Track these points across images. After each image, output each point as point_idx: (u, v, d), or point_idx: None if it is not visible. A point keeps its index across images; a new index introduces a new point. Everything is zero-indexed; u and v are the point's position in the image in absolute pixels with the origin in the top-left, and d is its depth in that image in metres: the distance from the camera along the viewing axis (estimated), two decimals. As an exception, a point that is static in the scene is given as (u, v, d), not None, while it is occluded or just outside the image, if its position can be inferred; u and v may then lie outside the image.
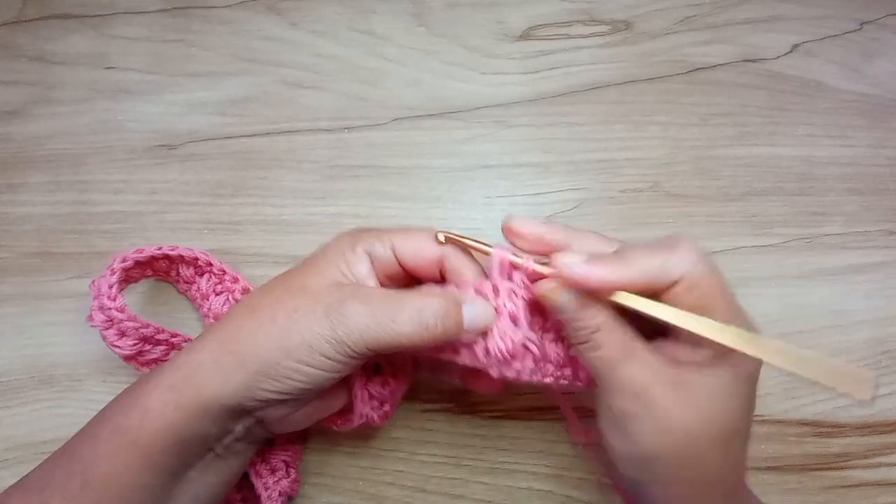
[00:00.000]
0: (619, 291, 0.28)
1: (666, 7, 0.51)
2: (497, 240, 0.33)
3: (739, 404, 0.28)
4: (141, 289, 0.43)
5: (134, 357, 0.38)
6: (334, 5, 0.51)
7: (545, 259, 0.30)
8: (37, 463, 0.31)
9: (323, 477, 0.40)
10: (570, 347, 0.31)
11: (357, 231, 0.34)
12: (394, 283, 0.34)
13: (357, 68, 0.49)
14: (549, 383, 0.32)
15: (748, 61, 0.50)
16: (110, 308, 0.36)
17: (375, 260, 0.32)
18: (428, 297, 0.30)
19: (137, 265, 0.39)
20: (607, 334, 0.28)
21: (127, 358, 0.38)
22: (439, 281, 0.33)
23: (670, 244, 0.28)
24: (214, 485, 0.33)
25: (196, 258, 0.41)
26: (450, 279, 0.33)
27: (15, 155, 0.47)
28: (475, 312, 0.30)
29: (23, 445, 0.41)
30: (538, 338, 0.31)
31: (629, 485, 0.31)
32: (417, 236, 0.33)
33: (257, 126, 0.48)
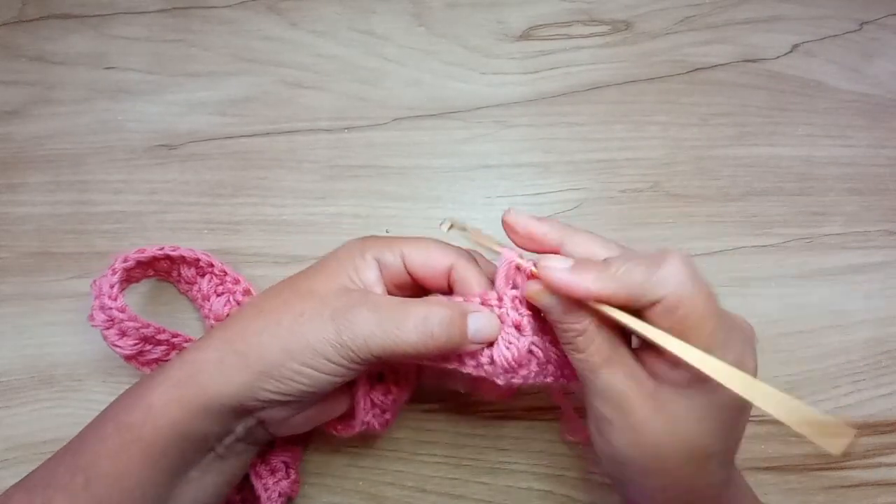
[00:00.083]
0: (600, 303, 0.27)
1: (666, 7, 0.51)
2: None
3: (714, 428, 0.27)
4: (142, 289, 0.43)
5: (135, 357, 0.38)
6: (334, 5, 0.51)
7: None
8: (37, 463, 0.31)
9: (323, 477, 0.40)
10: None
11: (367, 238, 0.34)
12: (401, 292, 0.34)
13: (357, 68, 0.49)
14: (550, 382, 0.32)
15: (748, 61, 0.50)
16: (111, 308, 0.36)
17: (384, 268, 0.32)
18: (433, 307, 0.30)
19: (139, 265, 0.39)
20: (590, 339, 0.28)
21: (127, 358, 0.38)
22: (446, 291, 0.33)
23: (659, 261, 0.26)
24: (215, 485, 0.33)
25: (198, 259, 0.41)
26: (457, 290, 0.33)
27: (15, 155, 0.47)
28: (480, 323, 0.30)
29: (23, 445, 0.41)
30: (541, 340, 0.31)
31: (611, 480, 0.31)
32: (427, 246, 0.33)
33: (257, 126, 0.48)
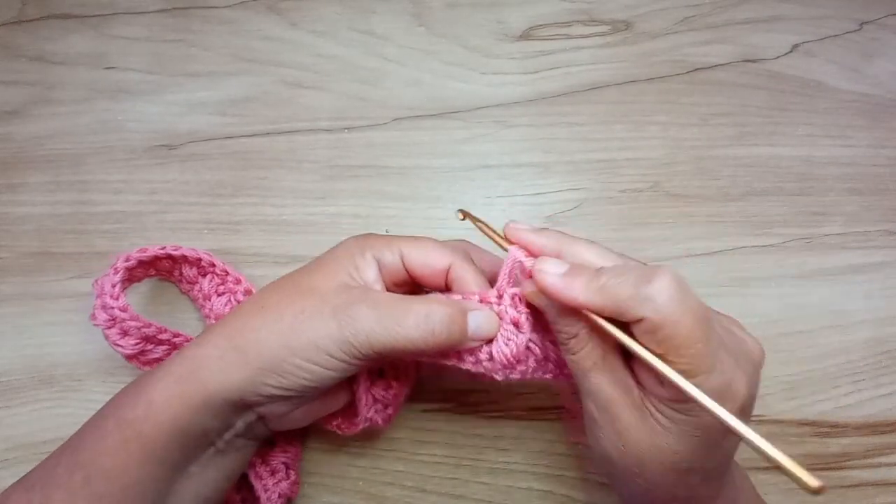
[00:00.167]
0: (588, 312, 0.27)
1: (666, 7, 0.51)
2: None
3: (696, 446, 0.27)
4: (143, 289, 0.43)
5: (136, 356, 0.38)
6: (334, 5, 0.51)
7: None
8: (37, 463, 0.31)
9: (323, 477, 0.40)
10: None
11: (366, 236, 0.34)
12: (400, 290, 0.34)
13: (357, 68, 0.49)
14: (549, 379, 0.32)
15: (748, 61, 0.50)
16: (113, 307, 0.36)
17: (383, 266, 0.33)
18: (434, 304, 0.30)
19: (140, 265, 0.39)
20: (583, 343, 0.28)
21: (129, 357, 0.38)
22: (444, 290, 0.33)
23: (648, 278, 0.26)
24: (215, 480, 0.33)
25: (199, 258, 0.41)
26: (455, 288, 0.33)
27: (15, 155, 0.47)
28: (480, 320, 0.31)
29: (23, 445, 0.41)
30: (539, 339, 0.31)
31: (604, 477, 0.31)
32: (426, 245, 0.33)
33: (257, 126, 0.48)
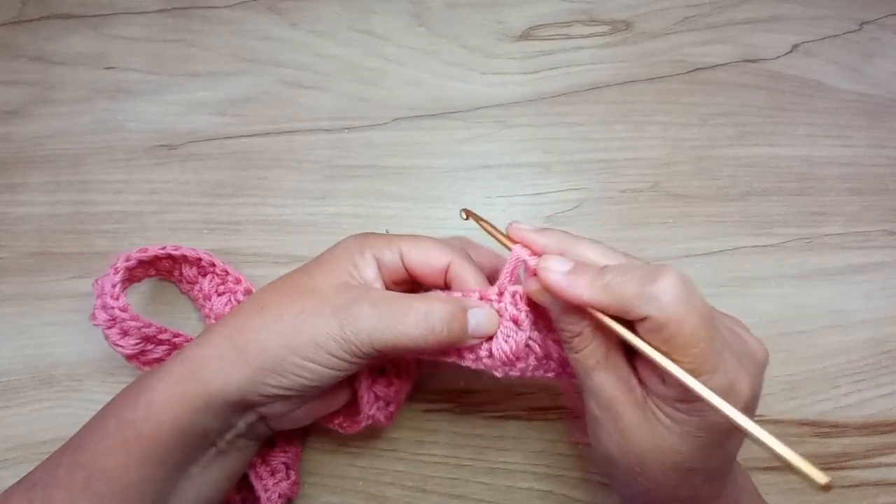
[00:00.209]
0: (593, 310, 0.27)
1: (666, 7, 0.51)
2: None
3: (698, 447, 0.27)
4: (143, 288, 0.43)
5: (136, 356, 0.38)
6: (334, 5, 0.51)
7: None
8: (37, 463, 0.31)
9: (323, 477, 0.40)
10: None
11: (365, 235, 0.34)
12: (399, 289, 0.34)
13: (357, 68, 0.49)
14: (552, 378, 0.33)
15: (748, 61, 0.50)
16: (113, 307, 0.36)
17: (383, 265, 0.33)
18: (435, 303, 0.30)
19: (140, 264, 0.39)
20: (586, 341, 0.28)
21: (129, 357, 0.38)
22: (443, 287, 0.33)
23: (653, 277, 0.25)
24: (216, 481, 0.33)
25: (199, 258, 0.41)
26: (454, 286, 0.33)
27: (15, 155, 0.47)
28: (480, 318, 0.31)
29: (23, 445, 0.41)
30: (541, 337, 0.31)
31: (605, 477, 0.32)
32: (425, 244, 0.33)
33: (257, 126, 0.48)
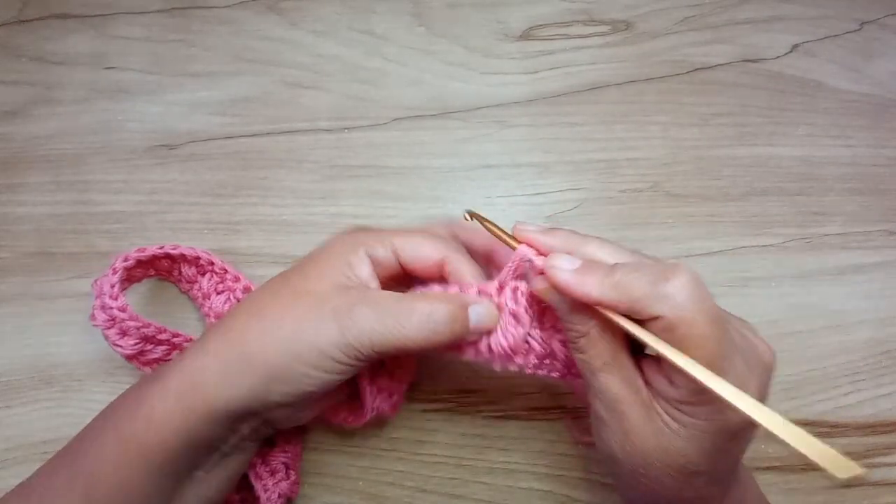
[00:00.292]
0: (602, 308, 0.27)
1: (666, 7, 0.51)
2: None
3: (703, 450, 0.27)
4: (142, 289, 0.43)
5: (135, 357, 0.38)
6: (334, 5, 0.51)
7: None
8: (37, 463, 0.31)
9: (323, 477, 0.40)
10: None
11: (356, 231, 0.34)
12: (394, 283, 0.34)
13: (357, 68, 0.49)
14: (556, 378, 0.33)
15: (748, 61, 0.50)
16: (112, 307, 0.36)
17: (377, 263, 0.32)
18: (436, 303, 0.30)
19: (139, 264, 0.39)
20: (593, 341, 0.28)
21: (129, 357, 0.38)
22: (439, 280, 0.33)
23: (665, 276, 0.25)
24: (219, 482, 0.33)
25: (198, 257, 0.41)
26: (451, 280, 0.33)
27: (15, 155, 0.47)
28: (481, 314, 0.31)
29: (23, 445, 0.41)
30: (544, 336, 0.31)
31: (609, 477, 0.31)
32: (418, 238, 0.33)
33: (257, 126, 0.48)
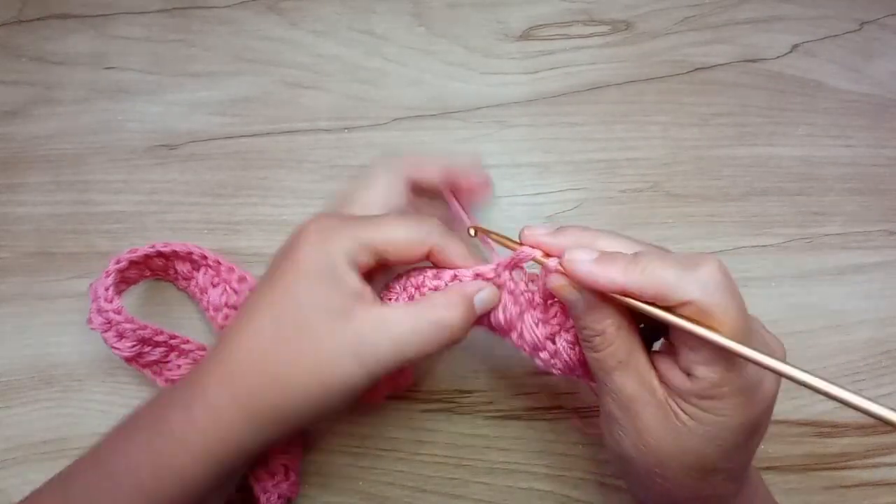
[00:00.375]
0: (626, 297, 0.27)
1: (666, 7, 0.51)
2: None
3: (720, 447, 0.27)
4: (140, 290, 0.43)
5: (134, 359, 0.38)
6: (334, 5, 0.51)
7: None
8: (37, 463, 0.31)
9: (323, 477, 0.40)
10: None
11: (324, 238, 0.31)
12: (379, 271, 0.33)
13: (357, 68, 0.49)
14: (559, 374, 0.33)
15: (748, 61, 0.50)
16: (108, 310, 0.36)
17: (362, 267, 0.31)
18: (446, 311, 0.30)
19: (133, 265, 0.39)
20: (608, 341, 0.28)
21: (128, 360, 0.38)
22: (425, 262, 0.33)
23: (695, 262, 0.26)
24: (224, 485, 0.33)
25: (190, 252, 0.40)
26: (440, 264, 0.32)
27: (15, 155, 0.47)
28: (485, 300, 0.31)
29: (23, 445, 0.41)
30: (547, 332, 0.31)
31: (620, 476, 0.32)
32: (400, 233, 0.31)
33: (257, 126, 0.48)
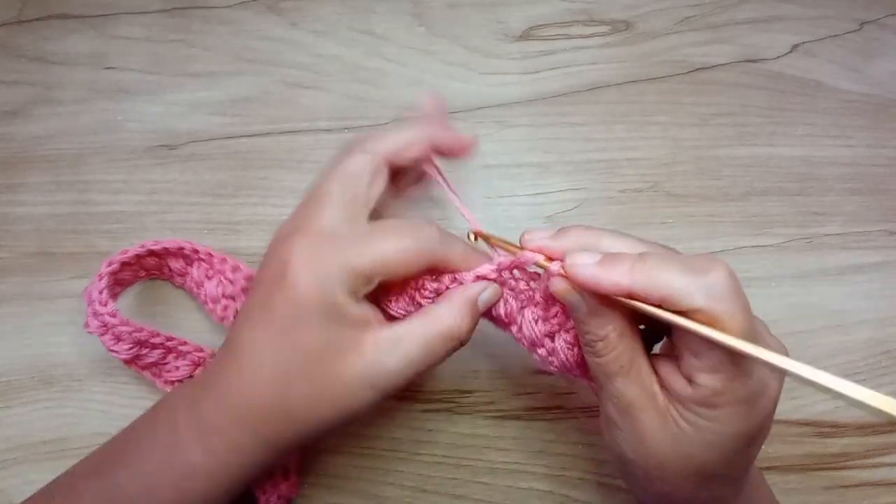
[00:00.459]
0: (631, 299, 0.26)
1: (666, 7, 0.51)
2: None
3: (719, 454, 0.27)
4: (138, 290, 0.43)
5: (133, 361, 0.39)
6: (334, 5, 0.51)
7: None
8: (37, 463, 0.31)
9: (323, 477, 0.40)
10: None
11: (317, 270, 0.28)
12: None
13: (357, 68, 0.49)
14: (555, 372, 0.33)
15: (748, 61, 0.50)
16: (103, 314, 0.36)
17: (359, 295, 0.30)
18: (454, 321, 0.30)
19: (125, 267, 0.39)
20: (610, 347, 0.28)
21: (127, 362, 0.38)
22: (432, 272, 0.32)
23: (703, 268, 0.25)
24: None
25: (181, 248, 0.40)
26: (445, 272, 0.32)
27: (15, 155, 0.47)
28: (487, 300, 0.31)
29: (23, 445, 0.41)
30: (545, 330, 0.31)
31: (620, 476, 0.32)
32: (401, 250, 0.29)
33: (257, 126, 0.48)
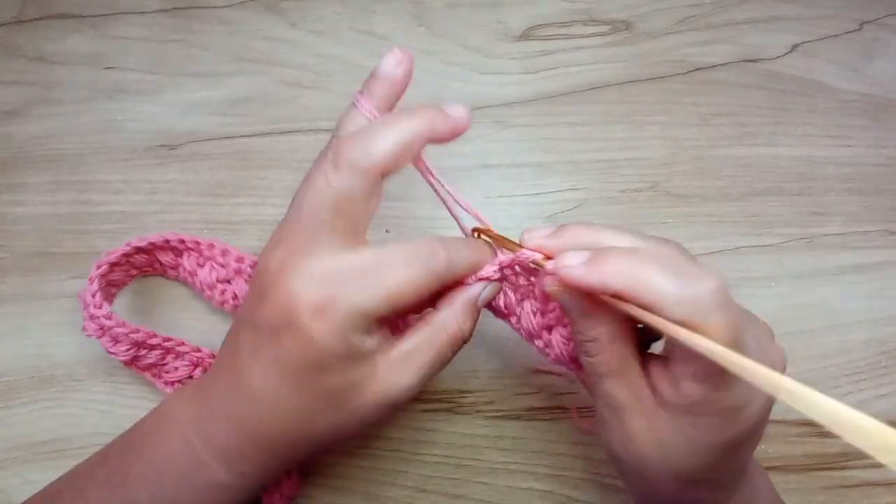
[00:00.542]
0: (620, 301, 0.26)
1: (666, 7, 0.51)
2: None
3: (703, 462, 0.27)
4: (136, 290, 0.43)
5: (132, 362, 0.38)
6: (334, 5, 0.51)
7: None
8: (37, 463, 0.31)
9: (323, 477, 0.40)
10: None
11: (331, 317, 0.26)
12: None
13: (357, 68, 0.49)
14: (552, 361, 0.33)
15: (748, 61, 0.50)
16: (98, 316, 0.36)
17: (375, 332, 0.28)
18: (458, 325, 0.30)
19: (115, 267, 0.39)
20: (602, 347, 0.27)
21: (127, 363, 0.38)
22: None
23: (696, 278, 0.24)
24: None
25: (167, 241, 0.40)
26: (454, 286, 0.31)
27: (15, 155, 0.47)
28: (487, 296, 0.32)
29: (23, 445, 0.40)
30: (542, 322, 0.32)
31: (613, 468, 0.33)
32: (413, 283, 0.28)
33: (257, 126, 0.48)
